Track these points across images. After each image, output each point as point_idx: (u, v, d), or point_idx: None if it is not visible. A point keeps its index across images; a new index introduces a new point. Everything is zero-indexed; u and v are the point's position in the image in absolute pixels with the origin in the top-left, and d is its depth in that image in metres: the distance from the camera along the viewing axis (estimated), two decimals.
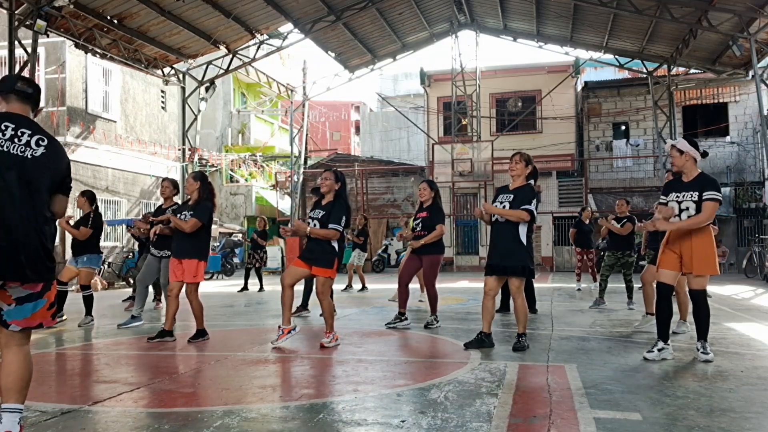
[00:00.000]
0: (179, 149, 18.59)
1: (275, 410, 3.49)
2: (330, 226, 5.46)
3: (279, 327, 5.63)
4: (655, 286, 4.96)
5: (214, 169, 25.41)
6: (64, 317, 7.67)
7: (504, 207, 5.21)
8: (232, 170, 27.21)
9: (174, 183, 7.37)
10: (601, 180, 21.04)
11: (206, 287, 14.86)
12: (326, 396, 3.81)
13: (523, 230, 5.19)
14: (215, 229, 23.75)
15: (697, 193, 4.65)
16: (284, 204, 26.03)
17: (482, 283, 8.24)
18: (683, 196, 4.72)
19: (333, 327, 5.63)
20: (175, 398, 3.82)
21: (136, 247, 9.79)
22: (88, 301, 7.47)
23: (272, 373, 4.54)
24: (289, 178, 23.14)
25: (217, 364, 4.87)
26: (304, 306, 8.25)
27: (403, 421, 3.20)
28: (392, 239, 21.96)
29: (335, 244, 5.53)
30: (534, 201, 5.18)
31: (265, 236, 13.20)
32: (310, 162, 25.05)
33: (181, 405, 3.66)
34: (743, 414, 3.28)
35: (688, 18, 15.03)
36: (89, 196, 7.63)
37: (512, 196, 5.24)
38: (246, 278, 13.36)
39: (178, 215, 6.06)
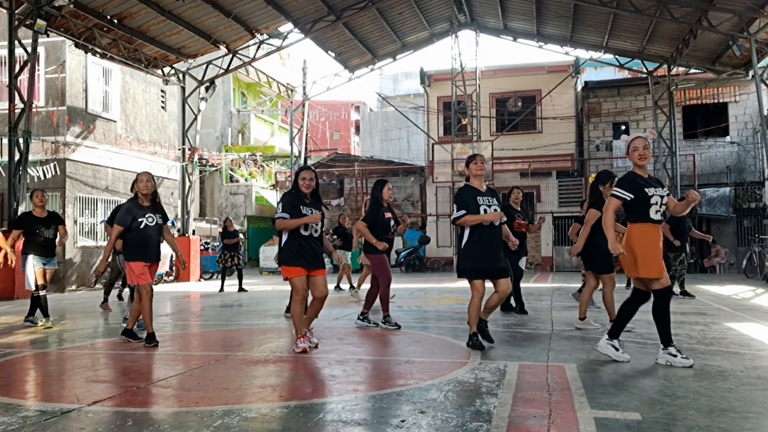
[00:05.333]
0: (179, 149, 18.58)
1: (275, 410, 3.49)
2: None
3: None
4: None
5: (214, 168, 25.41)
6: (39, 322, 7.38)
7: (495, 210, 5.33)
8: (232, 170, 27.21)
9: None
10: None
11: (206, 287, 14.86)
12: (326, 396, 3.81)
13: None
14: (215, 229, 23.76)
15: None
16: None
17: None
18: (662, 192, 4.64)
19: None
20: (175, 398, 3.82)
21: None
22: None
23: (272, 373, 4.54)
24: (289, 178, 23.15)
25: (217, 364, 4.87)
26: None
27: (403, 421, 3.20)
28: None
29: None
30: None
31: (230, 236, 13.22)
32: (310, 162, 25.06)
33: (180, 405, 3.66)
34: (743, 414, 3.28)
35: (688, 18, 15.03)
36: None
37: (493, 198, 5.41)
38: (239, 279, 13.27)
39: (148, 215, 5.86)
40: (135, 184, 6.11)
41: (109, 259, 6.35)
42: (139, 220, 5.80)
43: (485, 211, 5.27)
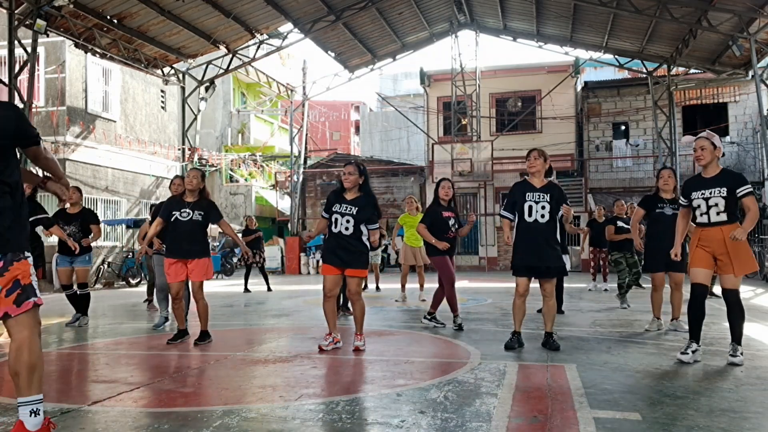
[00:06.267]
0: (179, 149, 18.59)
1: (275, 410, 3.49)
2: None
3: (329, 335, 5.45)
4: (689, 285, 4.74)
5: (213, 169, 25.41)
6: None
7: (543, 207, 5.15)
8: (231, 170, 27.21)
9: None
10: (600, 180, 21.04)
11: (206, 287, 14.83)
12: (326, 396, 3.81)
13: None
14: (215, 229, 23.75)
15: (725, 189, 4.55)
16: (284, 204, 26.02)
17: (482, 283, 8.30)
18: (710, 193, 4.59)
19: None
20: (174, 398, 3.82)
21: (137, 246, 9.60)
22: None
23: (272, 373, 4.54)
24: (289, 178, 23.14)
25: (217, 364, 4.87)
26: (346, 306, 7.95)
27: (402, 421, 3.20)
28: (390, 239, 21.95)
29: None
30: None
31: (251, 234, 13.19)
32: (309, 162, 25.05)
33: (180, 405, 3.66)
34: (743, 414, 3.28)
35: (688, 18, 15.04)
36: None
37: (547, 194, 5.18)
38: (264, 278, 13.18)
39: (183, 210, 5.75)
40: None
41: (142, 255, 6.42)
42: (173, 213, 5.73)
43: (530, 207, 5.14)
